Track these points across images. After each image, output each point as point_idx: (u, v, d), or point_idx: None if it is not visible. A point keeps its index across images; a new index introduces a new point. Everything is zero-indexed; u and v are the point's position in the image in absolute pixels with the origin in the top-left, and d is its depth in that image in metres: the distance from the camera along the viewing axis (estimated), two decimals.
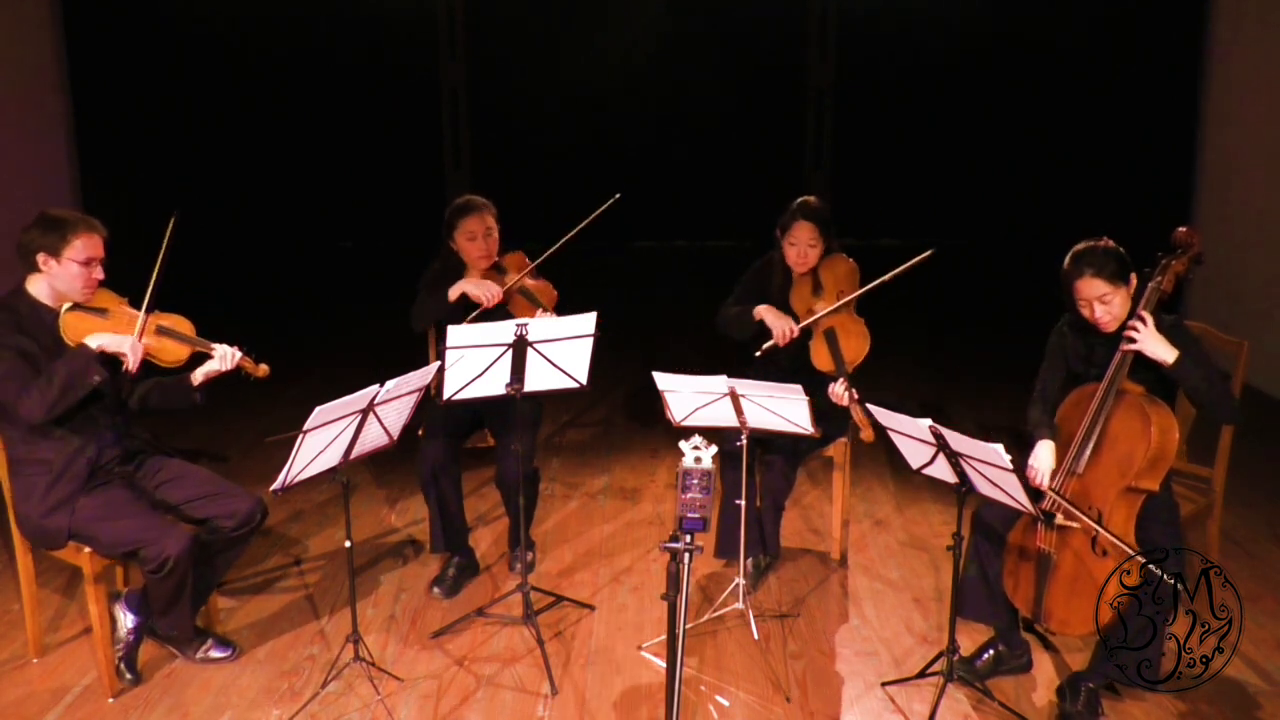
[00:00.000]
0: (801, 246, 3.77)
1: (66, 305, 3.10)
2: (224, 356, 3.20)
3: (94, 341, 3.02)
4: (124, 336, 3.06)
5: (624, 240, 9.86)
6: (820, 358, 3.67)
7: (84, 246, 3.07)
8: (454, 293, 3.81)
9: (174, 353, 3.17)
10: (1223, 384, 2.99)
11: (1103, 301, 3.02)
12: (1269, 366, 5.83)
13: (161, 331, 3.17)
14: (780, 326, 3.72)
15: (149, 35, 8.43)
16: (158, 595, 3.17)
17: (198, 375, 3.24)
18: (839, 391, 3.46)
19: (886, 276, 3.67)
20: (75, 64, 7.20)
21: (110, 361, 3.09)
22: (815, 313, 3.72)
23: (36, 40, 6.80)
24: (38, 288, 3.12)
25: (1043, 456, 3.14)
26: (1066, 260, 3.07)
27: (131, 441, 3.31)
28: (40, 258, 3.07)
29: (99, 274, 3.14)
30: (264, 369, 3.27)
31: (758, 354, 3.71)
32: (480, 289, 3.79)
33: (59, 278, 3.08)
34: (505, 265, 3.95)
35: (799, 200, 3.83)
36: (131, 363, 3.06)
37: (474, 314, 3.76)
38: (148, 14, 8.41)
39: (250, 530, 3.28)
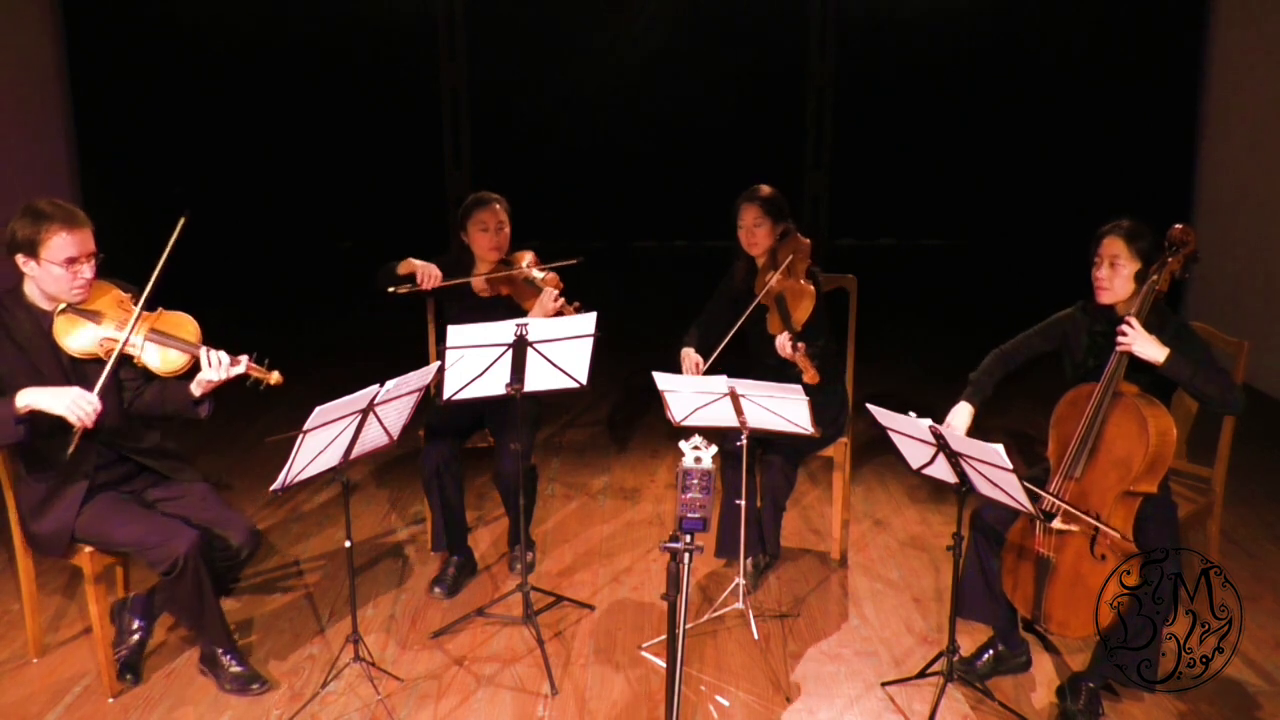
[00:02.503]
0: (748, 227, 3.87)
1: (59, 307, 2.90)
2: (216, 364, 2.90)
3: (23, 400, 2.76)
4: (60, 397, 2.75)
5: (624, 240, 9.86)
6: (774, 323, 3.75)
7: (62, 245, 2.80)
8: (403, 267, 3.85)
9: (167, 362, 2.94)
10: (1219, 376, 2.99)
11: (1112, 264, 3.07)
12: (1269, 366, 5.83)
13: (155, 336, 2.94)
14: (685, 365, 3.80)
15: (149, 35, 8.43)
16: (181, 603, 3.07)
17: (195, 386, 2.95)
18: (783, 343, 3.54)
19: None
20: (75, 63, 7.20)
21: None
22: (767, 284, 3.78)
23: (37, 39, 6.80)
24: (30, 288, 2.92)
25: (959, 416, 3.24)
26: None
27: (135, 455, 3.16)
28: (19, 259, 2.84)
29: (87, 273, 2.88)
30: (276, 376, 2.98)
31: None
32: (422, 267, 3.81)
33: (42, 280, 2.86)
34: (514, 262, 3.96)
35: (748, 189, 3.92)
36: (76, 422, 2.76)
37: (408, 288, 3.77)
38: (148, 13, 8.41)
39: (245, 559, 3.16)
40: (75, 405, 2.78)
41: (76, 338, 2.91)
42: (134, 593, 3.43)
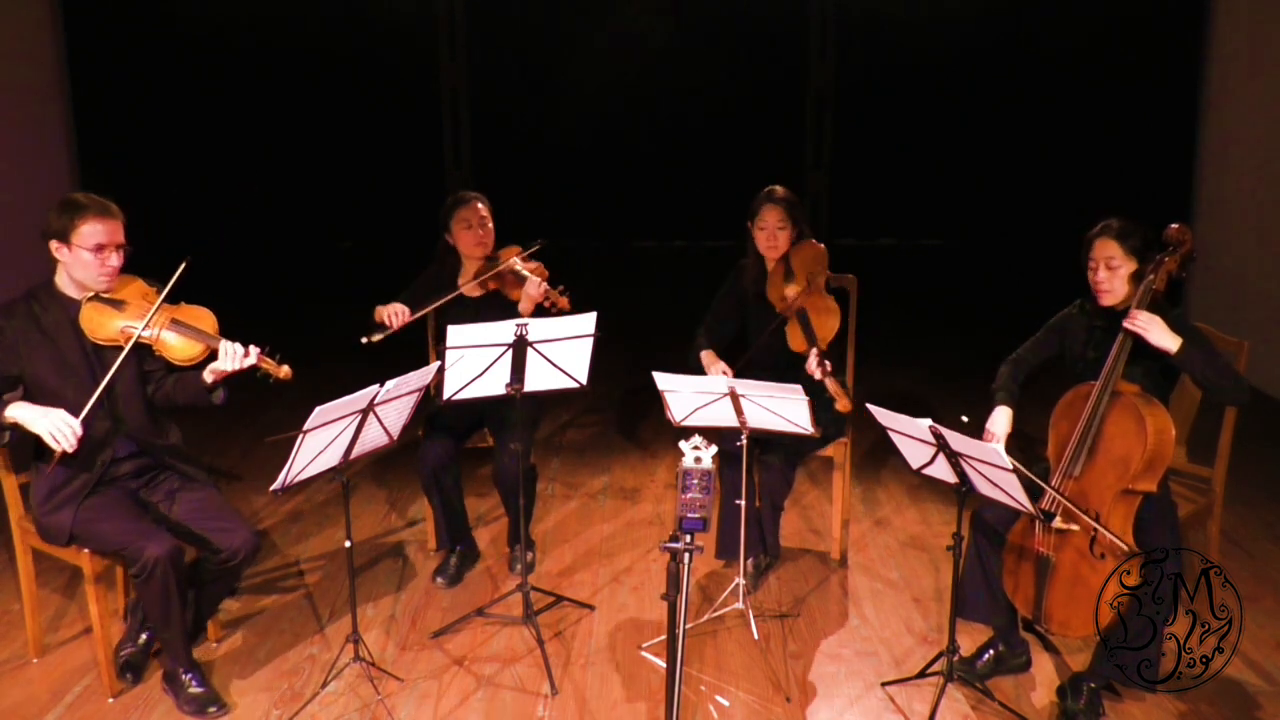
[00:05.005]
0: (770, 230, 3.82)
1: (87, 296, 3.01)
2: (230, 354, 3.01)
3: (10, 412, 2.88)
4: (43, 419, 2.85)
5: (624, 240, 9.86)
6: (795, 339, 3.71)
7: (93, 233, 2.94)
8: (376, 315, 3.83)
9: (184, 350, 3.05)
10: (1227, 366, 3.01)
11: (1109, 266, 3.08)
12: (1269, 366, 5.83)
13: (175, 325, 3.05)
14: (713, 372, 3.75)
15: (149, 35, 8.44)
16: (147, 609, 3.11)
17: (207, 374, 3.05)
18: (811, 365, 3.52)
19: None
20: (75, 63, 7.21)
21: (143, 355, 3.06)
22: (788, 299, 3.74)
23: (37, 39, 6.80)
24: (62, 278, 3.04)
25: (999, 421, 3.26)
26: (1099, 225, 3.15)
27: (154, 452, 3.19)
28: (53, 244, 2.97)
29: (115, 262, 3.01)
30: (286, 371, 3.08)
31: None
32: (385, 310, 3.77)
33: (73, 266, 2.98)
34: (500, 258, 3.96)
35: (766, 189, 3.87)
36: (55, 445, 2.84)
37: (380, 335, 3.74)
38: (148, 13, 8.42)
39: (237, 565, 3.14)
40: (56, 428, 2.86)
41: (101, 325, 3.02)
42: None
